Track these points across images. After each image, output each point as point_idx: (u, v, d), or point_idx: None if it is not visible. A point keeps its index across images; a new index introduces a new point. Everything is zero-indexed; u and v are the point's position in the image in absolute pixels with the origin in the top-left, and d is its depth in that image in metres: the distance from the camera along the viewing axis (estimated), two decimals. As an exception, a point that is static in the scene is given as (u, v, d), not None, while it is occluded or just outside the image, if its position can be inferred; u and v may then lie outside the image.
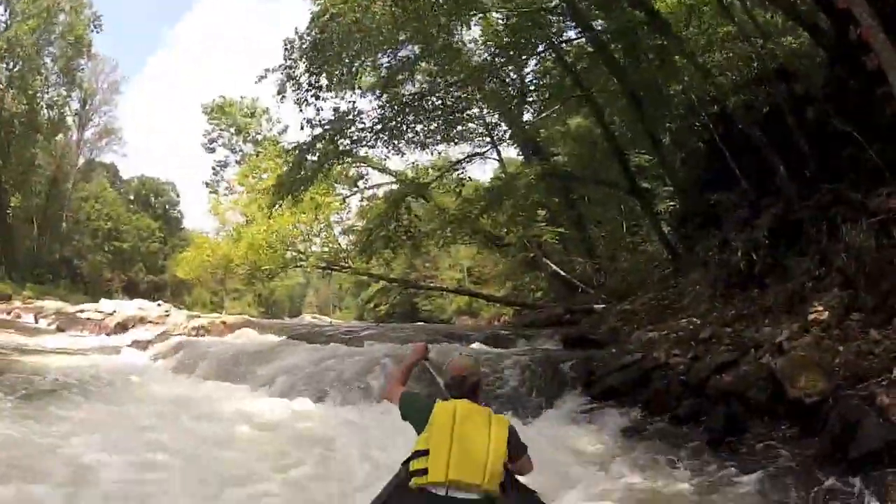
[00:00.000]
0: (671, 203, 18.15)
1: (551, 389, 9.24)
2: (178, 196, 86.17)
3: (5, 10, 46.59)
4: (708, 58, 14.22)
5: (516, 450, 3.83)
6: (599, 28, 16.32)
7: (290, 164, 20.64)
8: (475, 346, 14.00)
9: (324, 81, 19.25)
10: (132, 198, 78.44)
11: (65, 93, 53.95)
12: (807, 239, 9.01)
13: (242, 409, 9.51)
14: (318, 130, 19.27)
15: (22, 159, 49.96)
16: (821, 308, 7.57)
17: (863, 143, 8.48)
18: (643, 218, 20.19)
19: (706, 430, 6.88)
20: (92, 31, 51.49)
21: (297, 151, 20.26)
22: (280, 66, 19.64)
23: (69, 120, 58.35)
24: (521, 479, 3.98)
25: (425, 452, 3.68)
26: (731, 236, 10.75)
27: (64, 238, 60.08)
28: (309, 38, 18.64)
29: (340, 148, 19.52)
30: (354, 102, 19.71)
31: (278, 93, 20.04)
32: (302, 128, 19.38)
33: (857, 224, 7.82)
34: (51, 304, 36.67)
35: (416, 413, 3.92)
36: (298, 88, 19.65)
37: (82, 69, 55.50)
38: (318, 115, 19.36)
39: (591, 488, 5.90)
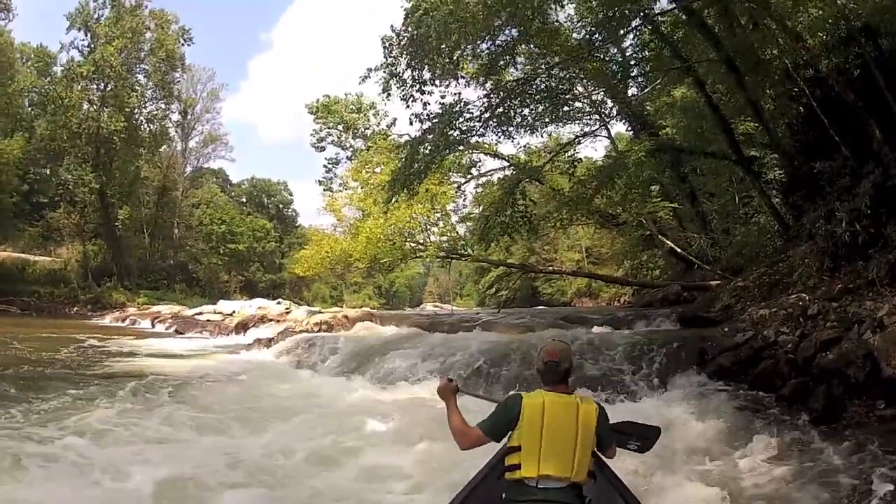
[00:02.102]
0: (779, 171, 17.68)
1: (666, 370, 9.73)
2: (291, 195, 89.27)
3: (87, 35, 49.02)
4: (795, 19, 13.65)
5: (606, 437, 3.99)
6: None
7: (403, 159, 20.85)
8: (595, 329, 14.51)
9: (427, 75, 19.84)
10: (244, 200, 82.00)
11: (163, 106, 55.69)
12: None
13: (378, 399, 10.56)
14: (427, 124, 19.47)
15: (126, 173, 52.37)
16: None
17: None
18: (753, 188, 19.89)
19: (809, 410, 7.23)
20: (183, 44, 53.47)
21: (408, 147, 20.69)
22: (381, 65, 20.47)
23: (171, 131, 61.17)
24: (608, 462, 4.17)
25: (518, 448, 3.84)
26: (836, 206, 10.56)
27: (177, 244, 63.37)
28: (406, 34, 19.10)
29: (451, 139, 19.62)
30: (460, 94, 19.47)
31: (383, 90, 20.92)
32: (411, 123, 19.81)
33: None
34: (166, 308, 38.96)
35: (505, 426, 3.95)
36: (402, 85, 20.41)
37: (178, 82, 57.66)
38: (425, 109, 19.69)
39: (702, 465, 6.51)
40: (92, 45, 48.35)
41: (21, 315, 37.66)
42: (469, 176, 30.85)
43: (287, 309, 31.45)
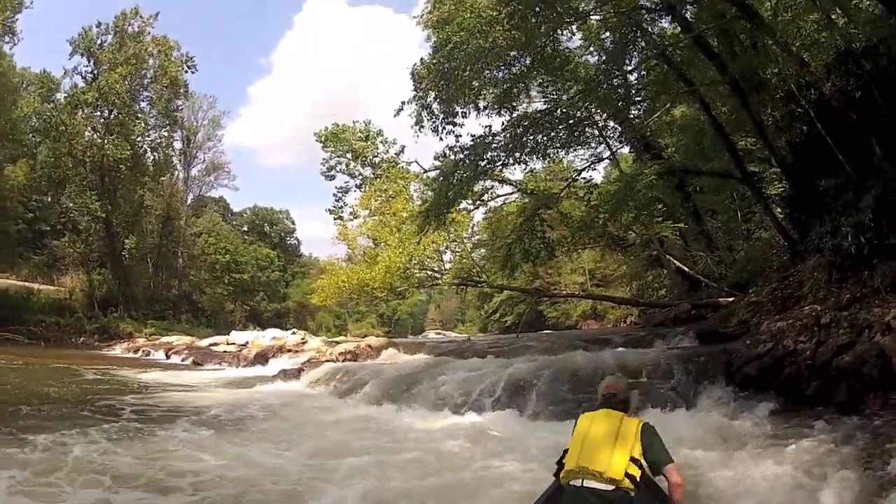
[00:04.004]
0: (780, 186, 18.35)
1: (697, 382, 10.40)
2: (293, 224, 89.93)
3: (89, 62, 48.82)
4: (800, 45, 14.65)
5: (655, 452, 4.52)
6: (691, 18, 16.91)
7: (437, 190, 21.66)
8: (618, 349, 15.04)
9: (457, 108, 20.67)
10: (246, 229, 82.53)
11: (167, 134, 56.09)
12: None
13: (430, 428, 11.08)
14: (460, 155, 20.55)
15: (131, 202, 52.37)
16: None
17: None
18: (755, 204, 20.43)
19: (834, 405, 8.02)
20: (186, 71, 53.57)
21: (440, 178, 21.61)
22: (413, 98, 21.51)
23: (174, 159, 61.12)
24: (662, 485, 4.61)
25: (567, 451, 4.64)
26: (841, 221, 11.21)
27: (181, 274, 63.24)
28: (435, 67, 20.31)
29: (479, 168, 20.45)
30: (490, 126, 20.83)
31: (416, 123, 21.93)
32: (444, 155, 21.61)
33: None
34: (178, 339, 38.63)
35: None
36: (433, 117, 21.24)
37: (181, 109, 57.84)
38: (457, 141, 21.29)
39: (739, 461, 7.23)
40: (95, 72, 48.69)
41: (29, 344, 36.97)
42: (478, 203, 31.43)
43: (303, 339, 31.97)
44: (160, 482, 7.64)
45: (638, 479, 4.34)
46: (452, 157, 21.72)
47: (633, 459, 4.35)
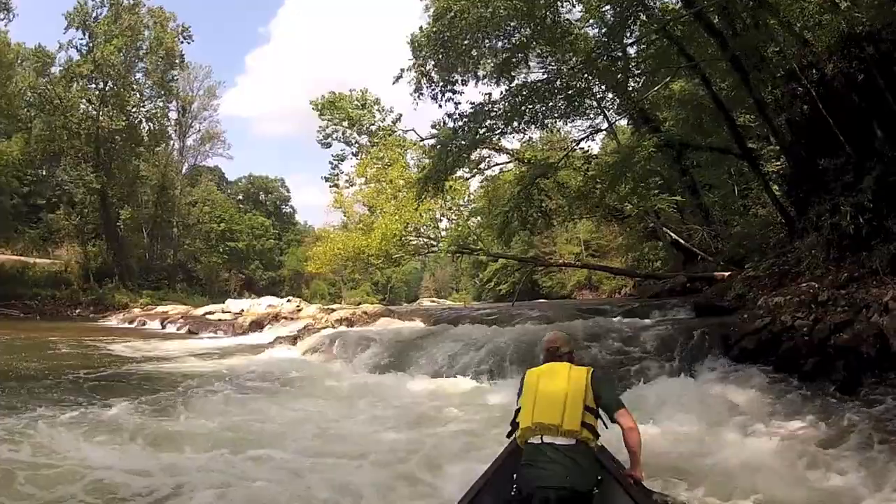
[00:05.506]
0: (778, 164, 18.41)
1: (693, 354, 10.70)
2: (288, 192, 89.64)
3: (84, 34, 48.51)
4: (802, 25, 14.44)
5: (607, 398, 4.40)
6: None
7: (436, 157, 21.73)
8: (615, 318, 15.41)
9: (456, 76, 20.70)
10: (241, 198, 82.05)
11: (162, 104, 55.96)
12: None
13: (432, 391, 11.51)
14: (459, 122, 20.55)
15: (126, 172, 52.52)
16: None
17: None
18: (753, 180, 20.59)
19: (832, 382, 8.34)
20: (182, 42, 53.48)
21: (438, 145, 21.76)
22: (412, 65, 21.59)
23: (170, 130, 60.95)
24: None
25: (519, 409, 4.51)
26: (840, 200, 11.40)
27: (176, 243, 63.50)
28: (435, 36, 20.24)
29: (478, 136, 20.51)
30: (490, 94, 20.61)
31: (415, 90, 22.09)
32: (444, 124, 21.06)
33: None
34: (173, 309, 38.71)
35: (519, 392, 4.66)
36: (432, 85, 21.30)
37: (176, 79, 57.56)
38: (457, 108, 21.09)
39: (741, 431, 7.57)
40: (90, 45, 48.29)
41: (24, 318, 37.36)
42: (476, 171, 31.37)
43: (298, 307, 32.04)
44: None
45: (595, 427, 4.32)
46: (451, 124, 21.68)
47: (587, 408, 4.28)
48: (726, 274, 17.83)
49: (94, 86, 49.03)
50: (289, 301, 35.16)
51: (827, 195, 12.35)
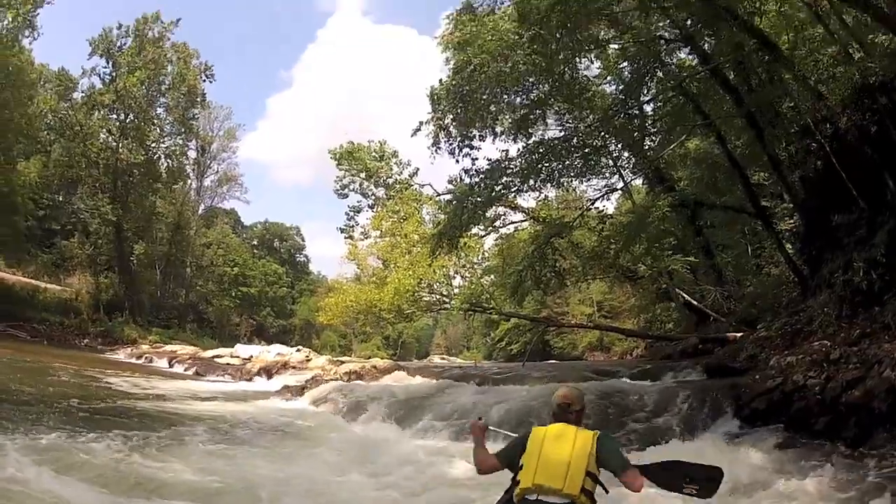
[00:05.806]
0: (791, 222, 18.29)
1: (705, 415, 10.41)
2: (303, 240, 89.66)
3: (108, 63, 48.27)
4: (817, 78, 14.45)
5: (613, 460, 4.33)
6: (710, 50, 16.84)
7: (451, 213, 21.68)
8: (625, 380, 14.95)
9: (474, 131, 20.74)
10: (256, 243, 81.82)
11: (181, 142, 55.44)
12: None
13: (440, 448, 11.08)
14: (476, 178, 20.75)
15: (142, 207, 51.98)
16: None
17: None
18: (766, 239, 20.36)
19: (843, 440, 7.95)
20: (204, 80, 53.27)
21: (454, 201, 21.66)
22: (430, 119, 21.80)
23: (188, 168, 60.51)
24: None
25: (521, 467, 4.37)
26: (853, 256, 11.16)
27: (188, 283, 62.74)
28: (455, 89, 20.47)
29: (494, 193, 20.51)
30: (507, 151, 20.69)
31: (433, 144, 22.13)
32: (460, 179, 21.30)
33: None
34: (182, 349, 38.43)
35: (513, 450, 4.52)
36: (450, 139, 21.32)
37: (197, 118, 57.05)
38: (474, 164, 21.42)
39: (751, 493, 7.20)
40: (113, 74, 48.31)
41: (31, 341, 36.39)
42: (490, 228, 31.38)
43: (308, 357, 31.91)
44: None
45: (594, 494, 4.26)
46: (468, 180, 21.79)
47: (589, 474, 4.23)
48: (738, 335, 17.36)
49: (115, 116, 49.06)
50: (298, 350, 35.08)
51: (840, 251, 12.15)
